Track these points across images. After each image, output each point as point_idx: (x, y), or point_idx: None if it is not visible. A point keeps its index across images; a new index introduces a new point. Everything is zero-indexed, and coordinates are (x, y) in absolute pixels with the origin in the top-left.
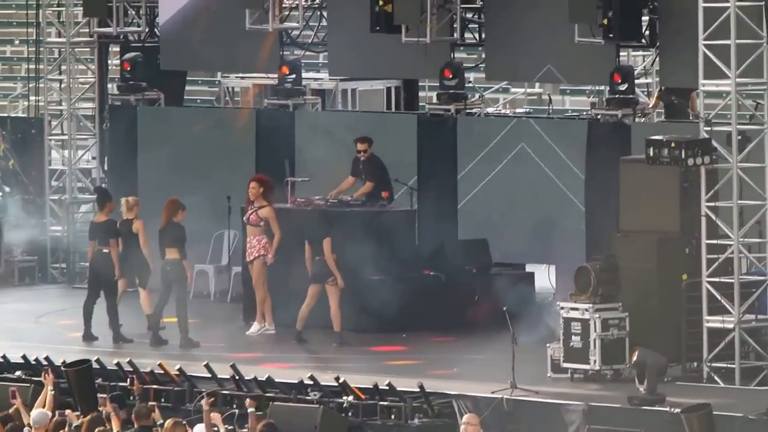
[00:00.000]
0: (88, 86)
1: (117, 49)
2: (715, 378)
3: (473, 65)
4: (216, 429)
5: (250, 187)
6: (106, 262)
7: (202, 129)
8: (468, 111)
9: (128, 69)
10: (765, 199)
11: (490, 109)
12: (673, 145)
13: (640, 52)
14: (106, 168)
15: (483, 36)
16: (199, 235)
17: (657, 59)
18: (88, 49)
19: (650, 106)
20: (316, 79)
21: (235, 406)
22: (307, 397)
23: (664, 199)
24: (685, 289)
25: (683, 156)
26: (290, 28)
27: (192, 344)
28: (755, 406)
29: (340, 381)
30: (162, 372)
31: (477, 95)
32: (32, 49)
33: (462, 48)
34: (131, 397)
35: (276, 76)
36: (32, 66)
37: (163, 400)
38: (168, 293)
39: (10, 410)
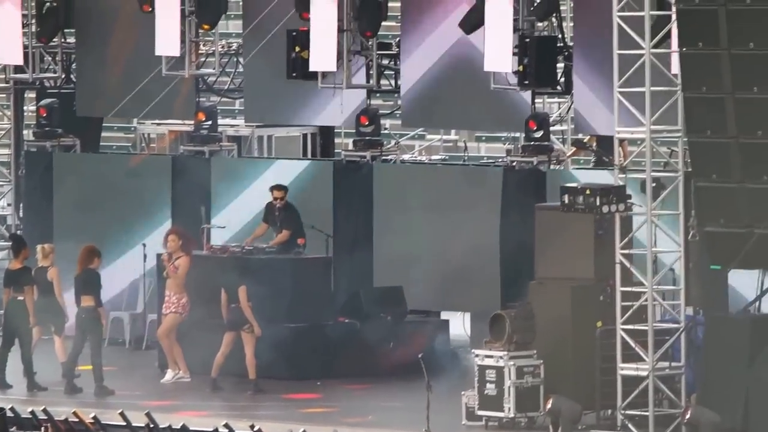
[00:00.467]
0: (3, 132)
1: (33, 95)
2: (629, 426)
3: (389, 112)
4: None
5: (168, 240)
6: (20, 310)
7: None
8: (384, 158)
9: (44, 115)
10: (679, 246)
11: (406, 156)
12: (587, 192)
13: (556, 99)
14: (21, 215)
15: (399, 82)
16: (115, 282)
17: (572, 106)
18: (4, 95)
19: (568, 155)
20: (232, 126)
21: None
22: None
23: (579, 247)
24: (600, 337)
25: (598, 203)
26: (206, 75)
27: (107, 392)
28: None
29: (255, 429)
30: (77, 420)
31: (393, 142)
32: None
33: (378, 95)
34: None
35: (192, 122)
36: None
37: None
38: (83, 341)
39: None
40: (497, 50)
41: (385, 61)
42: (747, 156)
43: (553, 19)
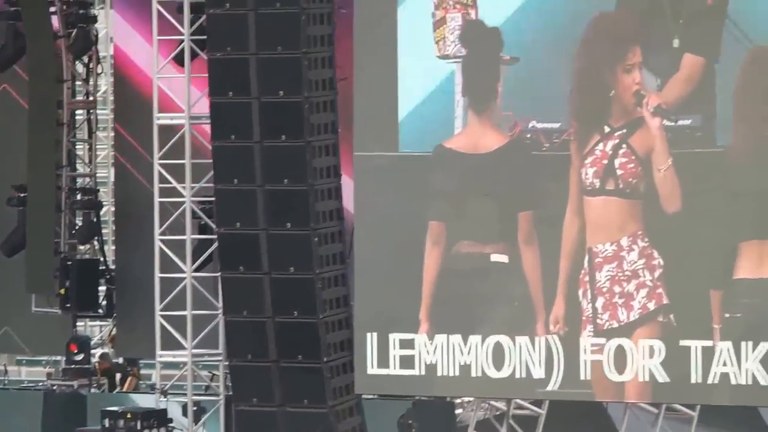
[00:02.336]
0: None
1: None
2: None
3: None
4: None
5: None
6: None
7: None
8: None
9: None
10: None
11: None
12: (129, 416)
13: (98, 322)
14: None
15: None
16: None
17: (114, 329)
18: None
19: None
20: None
21: None
22: None
23: None
24: None
25: (139, 427)
26: None
27: None
28: None
29: None
30: None
31: None
32: None
33: None
34: None
35: None
36: None
37: None
38: None
39: None
40: (39, 272)
41: None
42: (286, 380)
43: (95, 242)
